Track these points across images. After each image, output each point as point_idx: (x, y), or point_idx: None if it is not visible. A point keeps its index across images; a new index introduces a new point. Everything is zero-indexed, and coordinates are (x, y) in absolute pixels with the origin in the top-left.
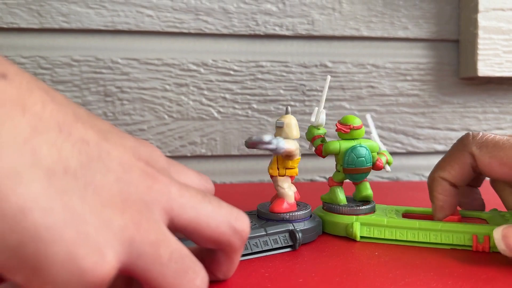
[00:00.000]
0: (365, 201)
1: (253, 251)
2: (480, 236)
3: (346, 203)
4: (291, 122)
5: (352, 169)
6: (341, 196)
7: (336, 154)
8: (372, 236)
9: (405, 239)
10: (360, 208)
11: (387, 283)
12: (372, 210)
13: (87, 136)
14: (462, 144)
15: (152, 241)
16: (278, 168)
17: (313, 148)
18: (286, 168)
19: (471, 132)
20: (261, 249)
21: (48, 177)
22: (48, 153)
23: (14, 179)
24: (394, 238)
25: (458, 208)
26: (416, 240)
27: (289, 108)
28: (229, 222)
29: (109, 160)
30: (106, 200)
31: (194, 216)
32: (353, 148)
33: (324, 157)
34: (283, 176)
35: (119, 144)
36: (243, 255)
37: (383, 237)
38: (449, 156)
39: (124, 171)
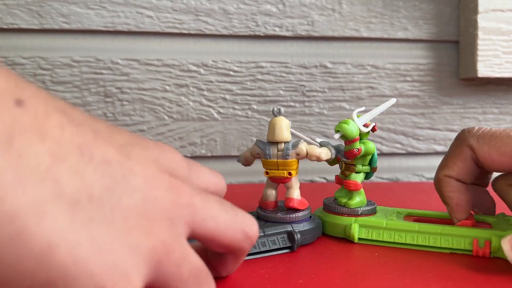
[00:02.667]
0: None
1: (251, 252)
2: (481, 241)
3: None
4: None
5: (375, 167)
6: None
7: (370, 154)
8: (370, 238)
9: (403, 241)
10: (361, 209)
11: (386, 285)
12: (373, 212)
13: (109, 155)
14: (460, 139)
15: (176, 261)
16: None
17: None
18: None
19: (466, 128)
20: (258, 250)
21: (73, 207)
22: (71, 181)
23: (39, 213)
24: (392, 240)
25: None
26: (415, 243)
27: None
28: (243, 229)
29: (133, 178)
30: (134, 223)
31: (213, 226)
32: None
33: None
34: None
35: (141, 158)
36: None
37: (381, 239)
38: (449, 154)
39: (150, 188)
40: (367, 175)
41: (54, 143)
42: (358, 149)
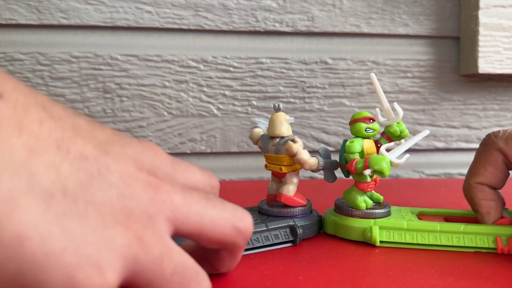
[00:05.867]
0: (377, 203)
1: (254, 246)
2: (504, 238)
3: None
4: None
5: None
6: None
7: None
8: (392, 240)
9: (426, 242)
10: (378, 212)
11: (387, 282)
12: (389, 214)
13: (86, 151)
14: (487, 144)
15: (155, 257)
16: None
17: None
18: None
19: (491, 132)
20: (262, 244)
21: (46, 200)
22: (46, 175)
23: (11, 205)
24: (415, 242)
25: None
26: (439, 243)
27: (280, 105)
28: (233, 223)
29: (110, 175)
30: (108, 218)
31: (198, 222)
32: None
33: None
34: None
35: (119, 155)
36: (245, 250)
37: (403, 241)
38: (478, 160)
39: (126, 185)
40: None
41: (31, 137)
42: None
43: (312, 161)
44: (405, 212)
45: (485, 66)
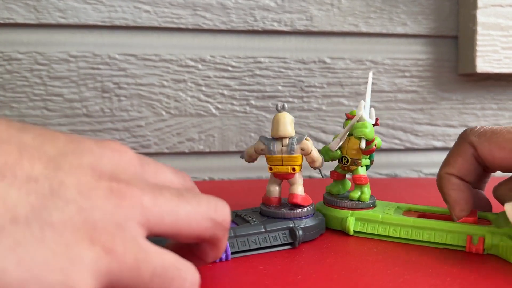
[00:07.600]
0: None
1: (251, 248)
2: (475, 237)
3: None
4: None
5: (373, 160)
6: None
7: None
8: (365, 231)
9: (397, 236)
10: (360, 202)
11: (385, 280)
12: (372, 206)
13: (35, 172)
14: (461, 138)
15: (130, 265)
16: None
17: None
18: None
19: (469, 127)
20: (259, 246)
21: None
22: None
23: None
24: (387, 234)
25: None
26: (409, 237)
27: (285, 105)
28: (210, 216)
29: (65, 190)
30: (70, 236)
31: (173, 221)
32: None
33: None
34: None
35: (74, 167)
36: (242, 251)
37: (376, 232)
38: (451, 152)
39: (85, 197)
40: (366, 168)
41: None
42: (375, 145)
43: (321, 160)
44: (390, 207)
45: (483, 65)
